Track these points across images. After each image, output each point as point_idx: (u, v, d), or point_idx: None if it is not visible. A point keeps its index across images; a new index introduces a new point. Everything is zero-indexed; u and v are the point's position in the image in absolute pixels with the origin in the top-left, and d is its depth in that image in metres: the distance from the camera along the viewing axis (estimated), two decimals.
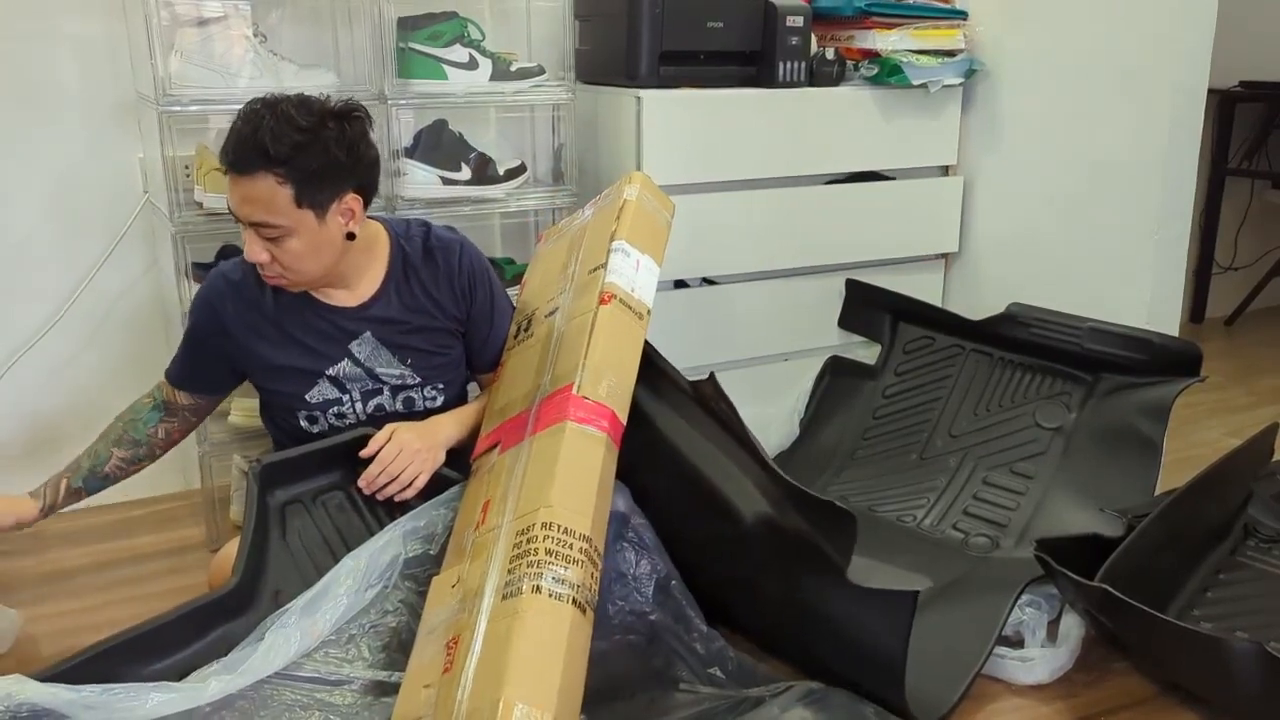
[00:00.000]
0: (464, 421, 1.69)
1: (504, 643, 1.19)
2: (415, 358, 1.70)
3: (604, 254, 1.67)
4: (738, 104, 2.26)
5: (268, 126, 1.47)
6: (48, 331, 2.15)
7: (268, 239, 1.52)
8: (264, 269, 1.56)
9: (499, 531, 1.36)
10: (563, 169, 2.27)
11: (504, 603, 1.25)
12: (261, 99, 1.52)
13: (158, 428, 1.72)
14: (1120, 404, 2.10)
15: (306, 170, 1.49)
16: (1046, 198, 2.35)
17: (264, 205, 1.49)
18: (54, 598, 1.93)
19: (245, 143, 1.47)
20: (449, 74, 2.09)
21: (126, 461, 1.71)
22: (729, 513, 1.59)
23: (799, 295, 2.44)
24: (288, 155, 1.47)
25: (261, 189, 1.48)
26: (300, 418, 1.69)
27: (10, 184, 2.08)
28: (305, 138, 1.48)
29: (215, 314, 1.64)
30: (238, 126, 1.50)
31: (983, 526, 2.05)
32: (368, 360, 1.67)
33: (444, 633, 1.29)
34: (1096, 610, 1.62)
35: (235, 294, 1.64)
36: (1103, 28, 2.18)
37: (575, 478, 1.39)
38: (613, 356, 1.55)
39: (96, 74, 2.09)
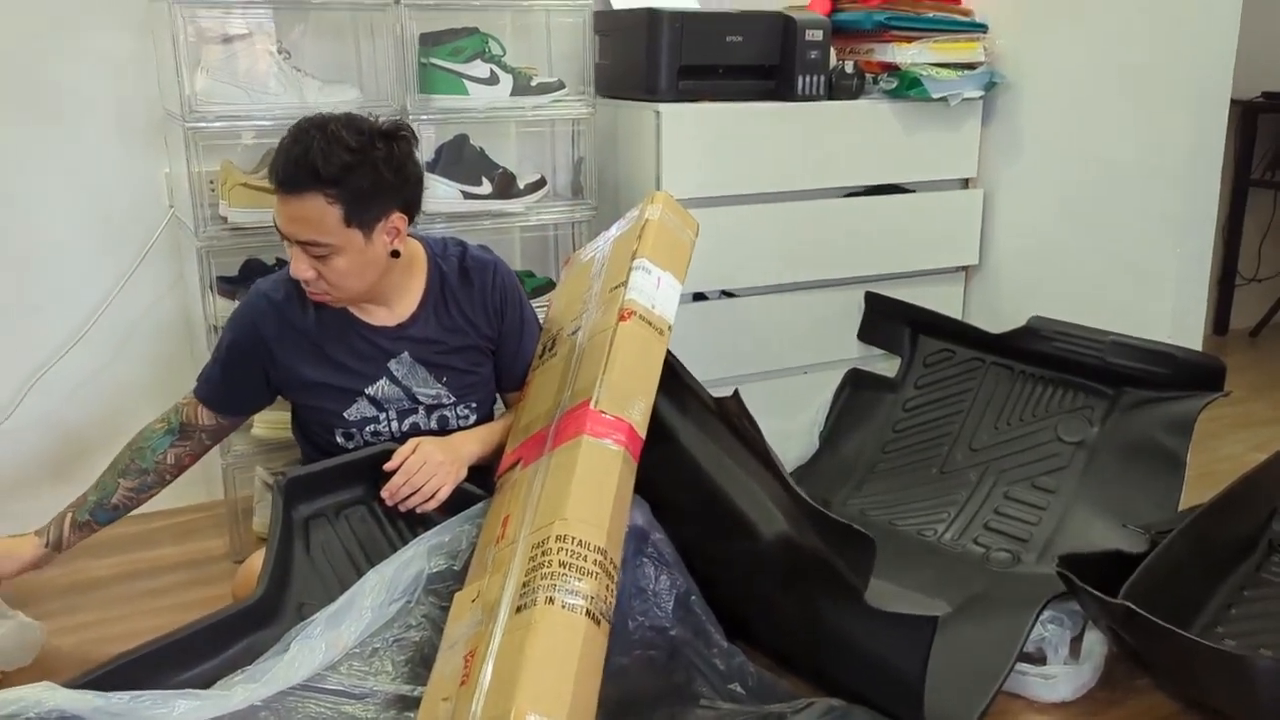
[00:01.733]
0: (487, 439, 1.70)
1: (517, 654, 1.20)
2: (451, 376, 1.71)
3: (625, 272, 1.68)
4: (757, 117, 2.26)
5: (318, 147, 1.47)
6: (75, 344, 2.17)
7: (315, 257, 1.53)
8: (309, 286, 1.57)
9: (516, 546, 1.37)
10: (583, 183, 2.28)
11: (518, 615, 1.26)
12: (310, 119, 1.53)
13: (167, 453, 1.70)
14: (1143, 418, 2.09)
15: (355, 190, 1.50)
16: (1067, 210, 2.34)
17: (313, 224, 1.50)
18: (78, 609, 1.95)
19: (296, 162, 1.48)
20: (470, 89, 2.11)
21: (135, 491, 1.70)
22: (748, 530, 1.59)
23: (818, 308, 2.44)
24: (337, 175, 1.48)
25: (311, 208, 1.49)
26: (336, 434, 1.70)
27: (39, 198, 2.11)
28: (355, 158, 1.49)
29: (256, 331, 1.64)
30: (287, 146, 1.50)
31: (1004, 541, 2.04)
32: (405, 379, 1.68)
33: (463, 646, 1.30)
34: (1119, 627, 1.61)
35: (277, 313, 1.64)
36: (1124, 40, 2.17)
37: (591, 491, 1.39)
38: (632, 371, 1.56)
39: (125, 91, 2.12)
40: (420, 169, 1.62)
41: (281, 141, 1.52)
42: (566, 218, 2.27)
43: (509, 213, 2.18)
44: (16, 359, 2.16)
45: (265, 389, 1.70)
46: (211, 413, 1.70)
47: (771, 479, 1.55)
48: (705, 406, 1.69)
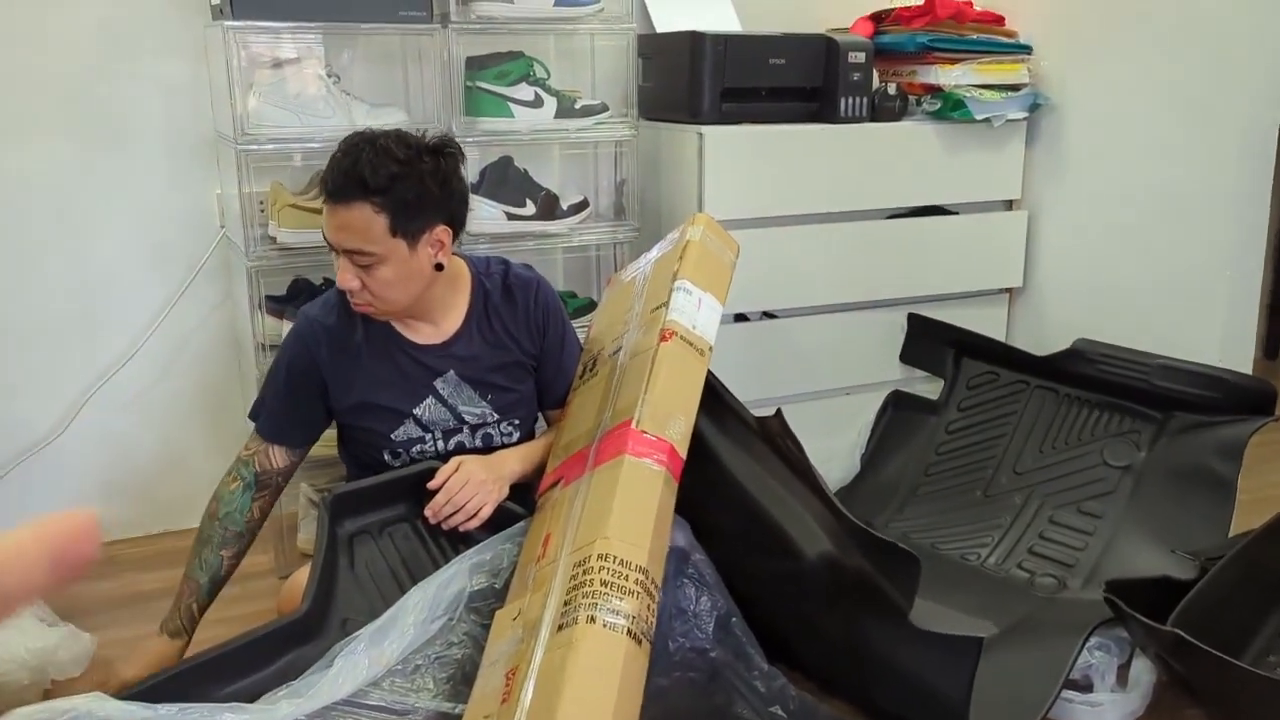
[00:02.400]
0: (528, 456, 1.70)
1: (558, 673, 1.20)
2: (495, 395, 1.72)
3: (666, 293, 1.68)
4: (799, 139, 2.27)
5: (366, 159, 1.51)
6: (128, 361, 2.22)
7: (360, 266, 1.55)
8: (354, 296, 1.58)
9: (558, 564, 1.37)
10: (625, 204, 2.29)
11: (559, 633, 1.26)
12: (360, 133, 1.57)
13: (253, 509, 1.69)
14: (1192, 443, 2.06)
15: (401, 200, 1.53)
16: (1113, 232, 2.32)
17: (360, 233, 1.53)
18: (126, 622, 1.98)
19: (345, 173, 1.52)
20: (515, 112, 2.13)
21: (236, 557, 1.69)
22: (791, 550, 1.58)
23: (860, 329, 2.43)
24: (384, 185, 1.52)
25: (358, 217, 1.52)
26: (384, 453, 1.71)
27: (95, 218, 2.16)
28: (402, 169, 1.53)
29: (310, 356, 1.65)
30: (337, 158, 1.54)
31: (1049, 566, 2.02)
32: (451, 398, 1.70)
33: (504, 664, 1.30)
34: (1168, 655, 1.58)
35: (328, 337, 1.65)
36: (1170, 60, 2.16)
37: (632, 510, 1.39)
38: (673, 392, 1.56)
39: (178, 114, 2.17)
40: (465, 185, 1.65)
41: (333, 155, 1.55)
42: (609, 239, 2.28)
43: (552, 234, 2.20)
44: (71, 374, 2.20)
45: (325, 412, 1.71)
46: (283, 449, 1.69)
47: (814, 498, 1.55)
48: (747, 426, 1.69)
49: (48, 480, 2.22)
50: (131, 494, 2.30)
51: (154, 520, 2.33)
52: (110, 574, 2.16)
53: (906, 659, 1.48)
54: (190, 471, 2.33)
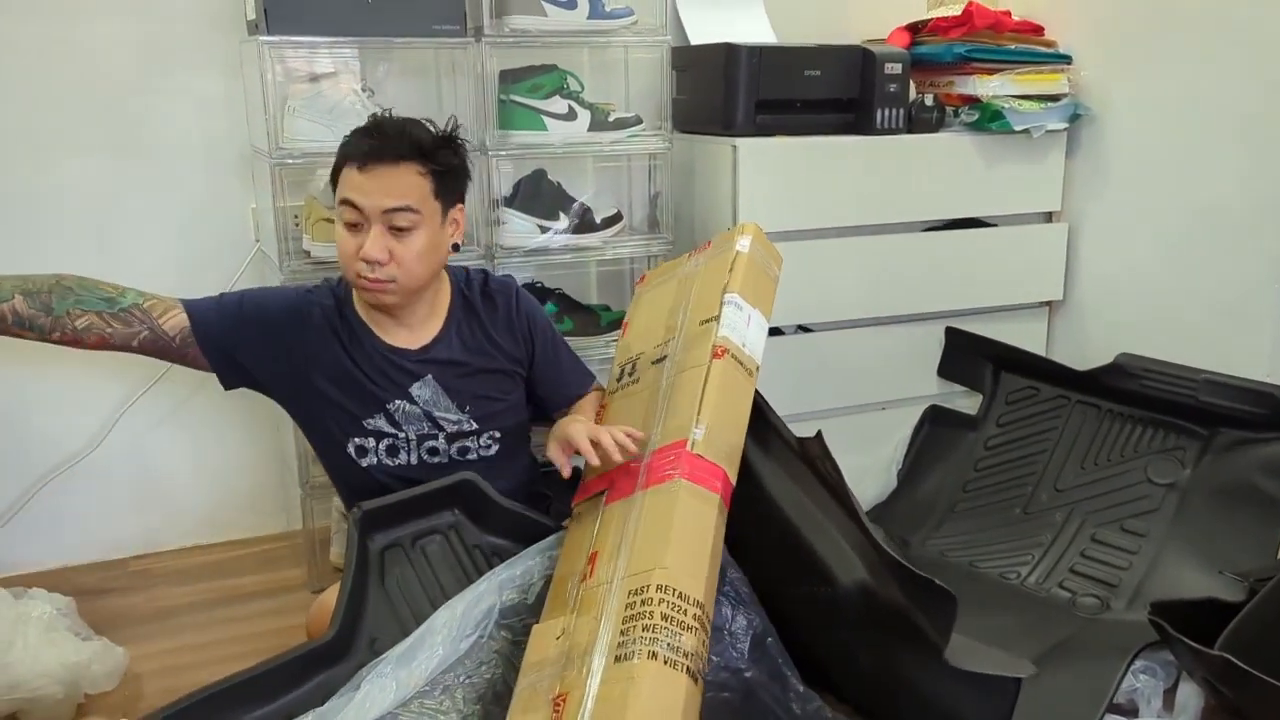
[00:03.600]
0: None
1: (619, 708, 1.17)
2: (474, 404, 1.70)
3: (716, 306, 1.65)
4: (835, 151, 2.24)
5: (410, 125, 1.57)
6: (161, 376, 2.23)
7: (397, 229, 1.55)
8: (376, 270, 1.55)
9: (610, 588, 1.33)
10: (659, 217, 2.28)
11: (617, 665, 1.22)
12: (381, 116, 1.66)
13: (85, 315, 1.53)
14: (1239, 460, 2.01)
15: (447, 165, 1.59)
16: (1157, 244, 2.28)
17: (404, 190, 1.54)
18: (159, 636, 1.98)
19: (394, 134, 1.55)
20: (548, 125, 2.12)
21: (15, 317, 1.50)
22: (825, 575, 1.56)
23: (897, 343, 2.40)
24: (433, 148, 1.57)
25: (405, 176, 1.54)
26: (350, 445, 1.65)
27: (131, 232, 2.18)
28: (444, 139, 1.60)
29: (304, 313, 1.64)
30: (372, 128, 1.58)
31: (1091, 586, 1.97)
32: (427, 404, 1.68)
33: (549, 687, 1.27)
34: (1216, 680, 1.53)
35: (321, 314, 1.65)
36: (1215, 69, 2.11)
37: (690, 539, 1.36)
38: (725, 413, 1.53)
39: (214, 128, 2.18)
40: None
41: (352, 136, 1.58)
42: (643, 252, 2.27)
43: (585, 247, 2.19)
44: (106, 389, 2.22)
45: (260, 364, 1.63)
46: (186, 333, 1.59)
47: (852, 525, 1.52)
48: (788, 446, 1.66)
49: (82, 494, 2.23)
50: (165, 508, 2.31)
51: (187, 534, 2.34)
52: (143, 588, 2.17)
53: (942, 693, 1.45)
54: (223, 485, 2.33)
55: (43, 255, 2.13)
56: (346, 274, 1.60)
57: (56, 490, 2.21)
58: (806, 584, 1.60)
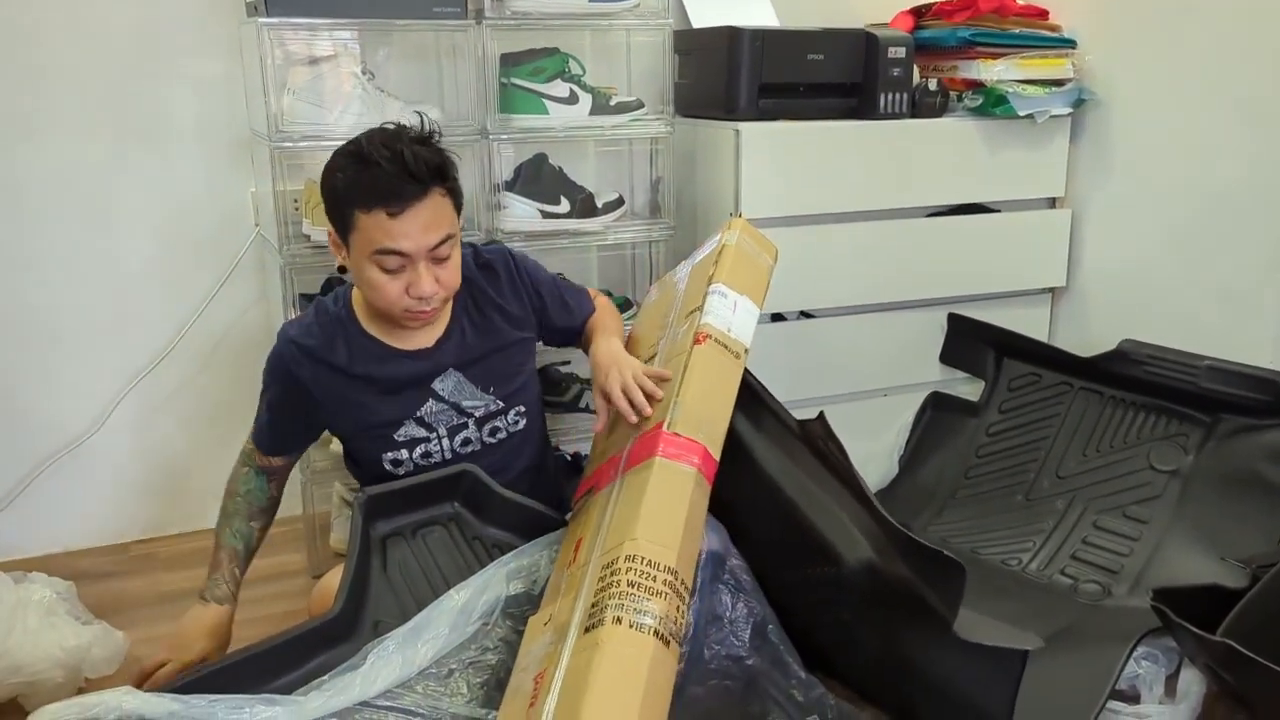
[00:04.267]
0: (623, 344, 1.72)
1: (583, 674, 1.18)
2: (497, 384, 1.69)
3: (701, 297, 1.66)
4: (838, 136, 2.23)
5: (413, 151, 1.48)
6: (163, 358, 2.22)
7: (440, 260, 1.53)
8: (427, 303, 1.53)
9: (587, 568, 1.35)
10: (661, 202, 2.27)
11: (586, 635, 1.24)
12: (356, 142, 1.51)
13: (269, 487, 1.73)
14: (1242, 447, 2.00)
15: (455, 178, 1.56)
16: (1161, 231, 2.27)
17: (444, 221, 1.52)
18: (160, 620, 1.98)
19: (414, 168, 1.46)
20: (550, 109, 2.11)
21: (264, 527, 1.74)
22: (829, 555, 1.55)
23: (900, 329, 2.39)
24: (447, 166, 1.53)
25: (438, 206, 1.50)
26: (385, 461, 1.66)
27: (131, 216, 2.17)
28: (441, 150, 1.54)
29: (292, 377, 1.63)
30: (380, 163, 1.46)
31: (1093, 573, 1.97)
32: (452, 395, 1.67)
33: (534, 668, 1.29)
34: (1219, 666, 1.53)
35: (309, 357, 1.62)
36: (1221, 54, 2.10)
37: (662, 511, 1.36)
38: (707, 394, 1.53)
39: (214, 112, 2.17)
40: None
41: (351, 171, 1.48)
42: (644, 237, 2.26)
43: (587, 232, 2.18)
44: (106, 373, 2.21)
45: (314, 426, 1.72)
46: (281, 456, 1.73)
47: (856, 503, 1.52)
48: (787, 429, 1.66)
49: (82, 478, 2.23)
50: (166, 492, 2.31)
51: (188, 519, 2.34)
52: (144, 572, 2.17)
53: (947, 670, 1.45)
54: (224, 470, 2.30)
55: (46, 239, 2.12)
56: (390, 313, 1.56)
57: (57, 474, 2.21)
58: (810, 565, 1.59)
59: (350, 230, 1.50)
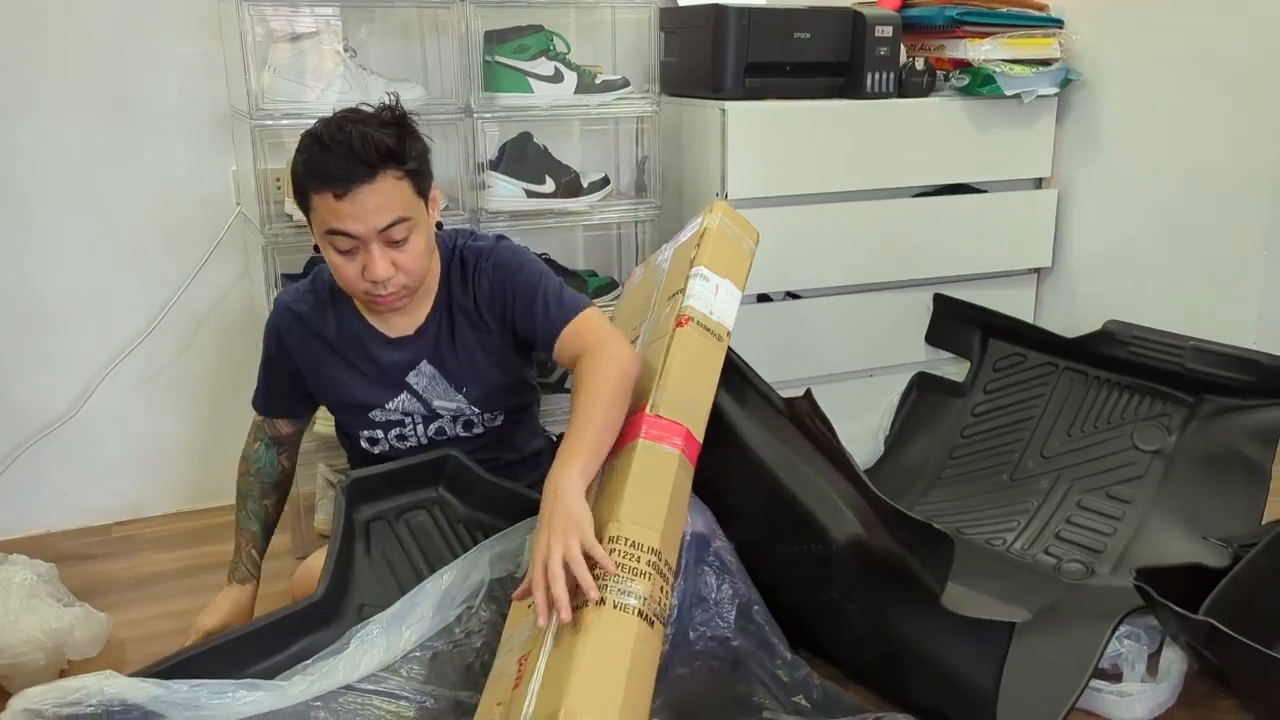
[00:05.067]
0: (587, 464, 1.39)
1: (567, 655, 1.18)
2: (469, 385, 1.66)
3: (683, 280, 1.66)
4: (825, 115, 2.22)
5: (365, 131, 1.45)
6: (144, 339, 2.20)
7: (395, 243, 1.49)
8: (386, 287, 1.51)
9: None
10: (646, 181, 2.25)
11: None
12: (322, 122, 1.50)
13: (280, 461, 1.76)
14: (1225, 427, 2.01)
15: (416, 157, 1.50)
16: (1147, 211, 2.27)
17: (395, 203, 1.47)
18: (142, 602, 1.97)
19: (359, 147, 1.43)
20: (534, 87, 2.09)
21: (278, 504, 1.78)
22: (817, 533, 1.55)
23: (885, 310, 2.39)
24: (399, 148, 1.47)
25: (388, 188, 1.46)
26: (362, 439, 1.69)
27: (111, 195, 2.14)
28: (402, 130, 1.49)
29: (281, 342, 1.66)
30: (328, 145, 1.44)
31: (1076, 552, 1.98)
32: (426, 392, 1.66)
33: (518, 650, 1.29)
34: (1200, 645, 1.54)
35: (301, 325, 1.64)
36: (1209, 34, 2.10)
37: (645, 493, 1.36)
38: (689, 376, 1.53)
39: (194, 89, 2.14)
40: None
41: (308, 152, 1.47)
42: (630, 217, 2.24)
43: (572, 211, 2.16)
44: (87, 353, 2.19)
45: (304, 393, 1.73)
46: (285, 420, 1.75)
47: (844, 479, 1.52)
48: (774, 407, 1.66)
49: (63, 459, 2.21)
50: (147, 473, 2.30)
51: (171, 500, 2.32)
52: (126, 553, 2.16)
53: (934, 645, 1.46)
54: (207, 451, 2.32)
55: (27, 220, 2.10)
56: (353, 295, 1.57)
57: (38, 455, 2.19)
58: (798, 543, 1.59)
59: (308, 210, 1.51)
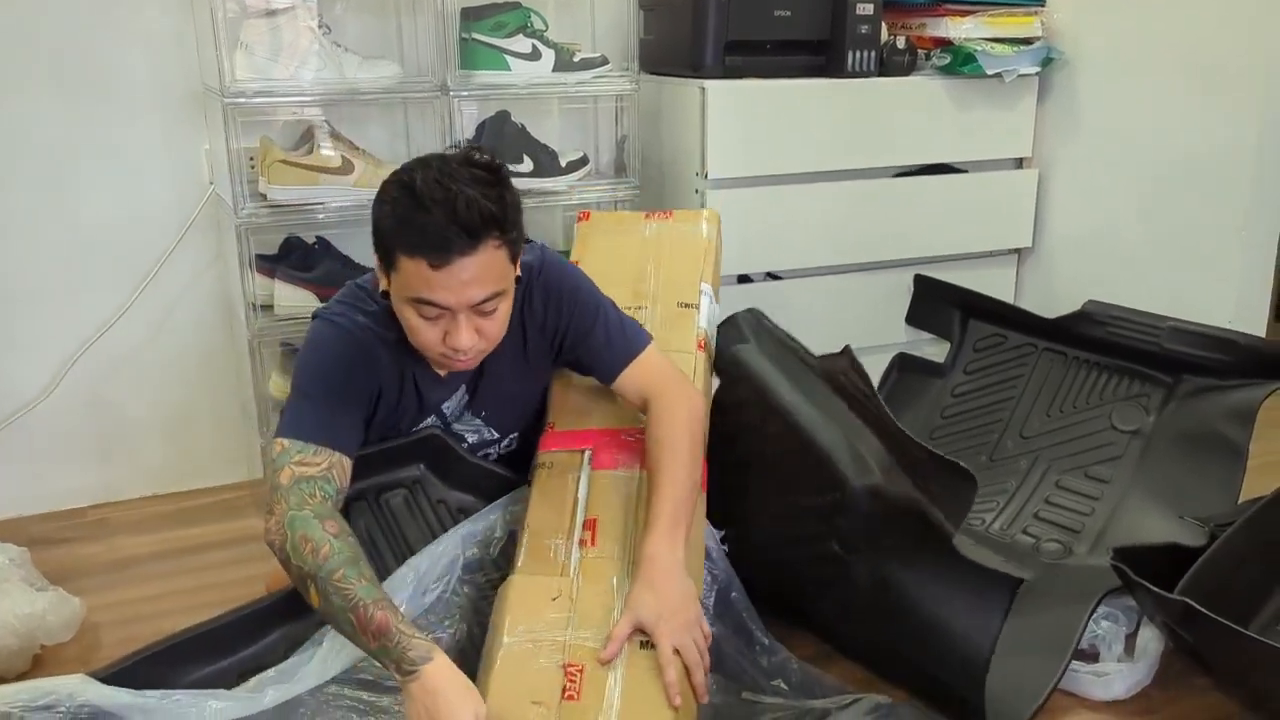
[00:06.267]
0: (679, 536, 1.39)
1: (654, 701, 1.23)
2: (491, 411, 1.59)
3: (692, 294, 1.77)
4: (805, 94, 2.21)
5: (468, 196, 1.29)
6: (116, 321, 2.17)
7: (486, 314, 1.36)
8: (464, 354, 1.37)
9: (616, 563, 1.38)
10: (626, 161, 2.24)
11: (643, 650, 1.28)
12: (411, 173, 1.33)
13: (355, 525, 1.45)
14: (1202, 407, 2.02)
15: (515, 222, 1.36)
16: (1126, 192, 2.27)
17: (495, 275, 1.34)
18: (118, 586, 1.95)
19: (465, 217, 1.28)
20: (512, 65, 2.07)
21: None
22: (835, 481, 1.55)
23: (866, 291, 2.39)
24: (502, 214, 1.32)
25: (488, 260, 1.32)
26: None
27: (80, 176, 2.10)
28: (502, 189, 1.34)
29: (367, 361, 1.44)
30: (428, 206, 1.29)
31: (1054, 532, 1.99)
32: (451, 415, 1.58)
33: (552, 651, 1.28)
34: (1176, 624, 1.55)
35: (382, 344, 1.46)
36: (1190, 15, 2.09)
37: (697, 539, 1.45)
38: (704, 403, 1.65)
39: (166, 67, 2.10)
40: None
41: (401, 208, 1.31)
42: (609, 197, 2.23)
43: (550, 191, 2.14)
44: (59, 336, 2.16)
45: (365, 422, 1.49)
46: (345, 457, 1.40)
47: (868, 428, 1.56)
48: (802, 361, 1.73)
49: (35, 442, 2.18)
50: (121, 457, 2.27)
51: (144, 484, 2.30)
52: (100, 538, 2.14)
53: (935, 604, 1.48)
54: (181, 434, 2.29)
55: None
56: (426, 354, 1.42)
57: (9, 438, 2.16)
58: (811, 494, 1.59)
59: (392, 269, 1.35)
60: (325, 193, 1.98)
